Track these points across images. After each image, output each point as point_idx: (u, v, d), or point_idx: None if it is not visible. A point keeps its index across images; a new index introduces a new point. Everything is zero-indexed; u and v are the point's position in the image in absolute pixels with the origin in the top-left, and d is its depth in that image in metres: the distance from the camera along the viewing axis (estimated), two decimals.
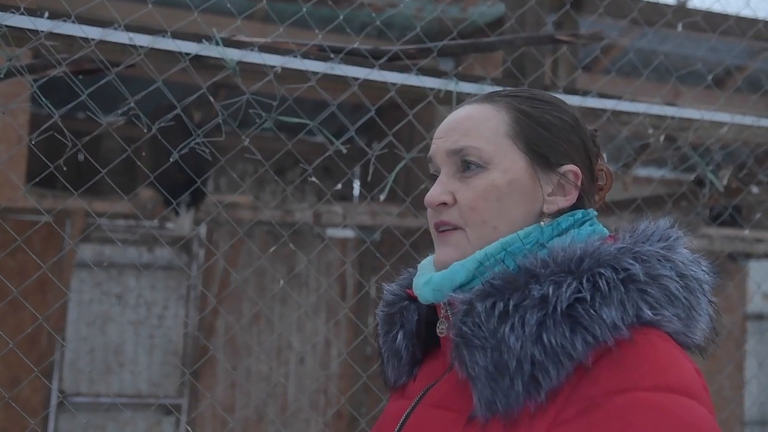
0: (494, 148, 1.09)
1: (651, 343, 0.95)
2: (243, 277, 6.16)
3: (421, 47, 2.80)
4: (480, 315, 0.98)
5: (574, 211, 1.10)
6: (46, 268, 2.50)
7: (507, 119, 1.10)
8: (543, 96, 1.14)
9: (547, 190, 1.10)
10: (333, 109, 2.64)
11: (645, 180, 6.80)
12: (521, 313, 0.96)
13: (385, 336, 1.18)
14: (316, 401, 6.66)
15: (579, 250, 0.99)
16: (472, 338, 0.98)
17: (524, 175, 1.09)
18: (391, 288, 1.21)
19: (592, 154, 1.14)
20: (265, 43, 2.57)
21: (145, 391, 6.28)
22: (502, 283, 0.99)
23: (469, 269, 1.05)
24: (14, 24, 2.26)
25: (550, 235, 1.06)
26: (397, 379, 1.18)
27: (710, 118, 3.30)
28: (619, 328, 0.94)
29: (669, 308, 0.98)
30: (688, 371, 0.95)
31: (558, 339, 0.94)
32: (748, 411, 7.35)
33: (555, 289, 0.96)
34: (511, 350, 0.95)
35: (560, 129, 1.11)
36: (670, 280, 0.98)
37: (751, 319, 7.61)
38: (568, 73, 3.75)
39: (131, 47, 2.39)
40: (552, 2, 3.60)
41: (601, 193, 1.18)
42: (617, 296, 0.95)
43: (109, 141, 6.73)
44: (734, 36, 4.05)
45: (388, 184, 2.69)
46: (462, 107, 1.15)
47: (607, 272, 0.96)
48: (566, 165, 1.10)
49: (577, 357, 0.93)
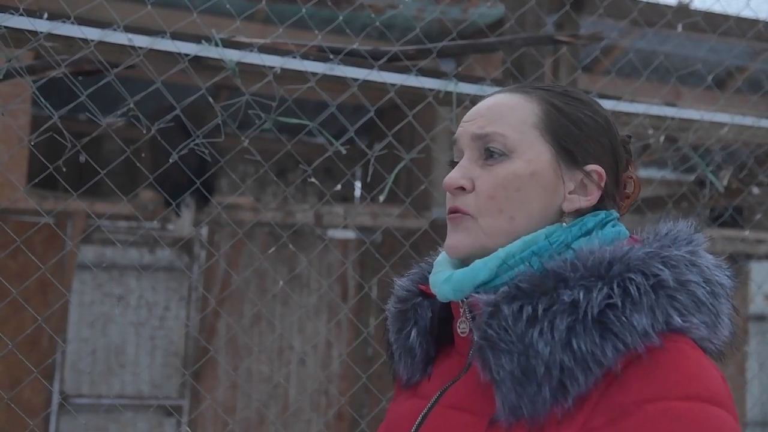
0: (520, 137, 1.06)
1: (681, 351, 0.94)
2: (244, 278, 6.17)
3: (420, 48, 2.80)
4: (507, 318, 0.96)
5: (597, 212, 1.07)
6: (47, 269, 2.50)
7: (537, 111, 1.08)
8: (578, 94, 1.12)
9: (569, 187, 1.07)
10: (333, 110, 2.64)
11: (645, 181, 6.79)
12: (550, 318, 0.94)
13: (397, 333, 1.15)
14: (317, 402, 6.67)
15: (608, 254, 0.97)
16: (498, 341, 0.96)
17: (548, 168, 1.06)
18: (403, 283, 1.17)
19: (620, 159, 1.12)
20: (264, 43, 2.57)
21: (146, 393, 6.28)
22: (530, 285, 0.97)
23: (492, 268, 1.03)
24: (13, 25, 2.26)
25: (577, 235, 1.04)
26: (411, 377, 1.14)
27: (710, 118, 3.30)
28: (649, 335, 0.93)
29: (697, 315, 0.96)
30: (716, 380, 0.94)
31: (588, 345, 0.92)
32: (749, 412, 7.35)
33: (585, 294, 0.94)
34: (539, 356, 0.93)
35: (590, 128, 1.09)
36: (697, 286, 0.97)
37: (752, 320, 7.61)
38: (569, 73, 3.75)
39: (130, 48, 2.39)
40: (552, 3, 3.60)
41: (627, 201, 1.16)
42: (647, 302, 0.94)
43: (110, 142, 6.75)
44: (735, 37, 4.05)
45: (388, 185, 2.69)
46: (493, 95, 1.13)
47: (638, 278, 0.95)
48: (592, 165, 1.08)
49: (606, 364, 0.92)
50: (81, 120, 6.34)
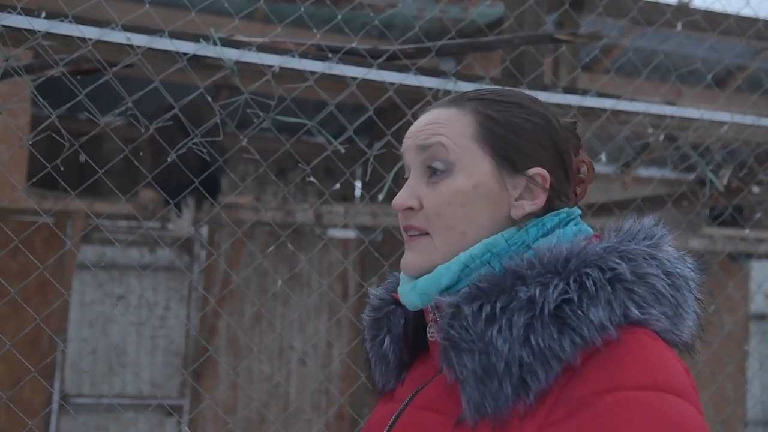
0: (460, 150, 1.08)
1: (639, 342, 0.95)
2: (244, 278, 6.17)
3: (419, 47, 2.79)
4: (467, 318, 0.98)
5: (558, 211, 1.08)
6: (47, 269, 2.50)
7: (473, 122, 1.09)
8: (512, 97, 1.12)
9: (514, 195, 1.08)
10: (332, 109, 2.64)
11: (645, 180, 6.80)
12: (508, 315, 0.96)
13: (372, 341, 1.18)
14: (318, 402, 6.66)
15: (565, 251, 0.99)
16: (459, 341, 0.98)
17: (490, 179, 1.07)
18: (378, 293, 1.20)
19: (565, 152, 1.12)
20: (263, 42, 2.57)
21: (147, 392, 6.28)
22: (489, 285, 0.99)
23: (454, 271, 1.05)
24: (11, 24, 2.26)
25: (536, 235, 1.05)
26: (385, 383, 1.17)
27: (710, 117, 3.30)
28: (606, 328, 0.94)
29: (656, 306, 0.97)
30: (676, 370, 0.95)
31: (546, 340, 0.93)
32: (750, 411, 7.34)
33: (542, 291, 0.95)
34: (499, 353, 0.95)
35: (528, 131, 1.09)
36: (656, 278, 0.98)
37: (752, 319, 7.60)
38: (569, 72, 3.75)
39: (129, 47, 2.39)
40: (552, 2, 3.60)
41: (583, 185, 1.16)
42: (604, 296, 0.95)
43: (110, 142, 6.74)
44: (734, 35, 4.05)
45: (387, 183, 2.69)
46: (429, 111, 1.14)
47: (594, 272, 0.96)
48: (534, 168, 1.08)
49: (565, 358, 0.93)
50: (80, 119, 6.34)
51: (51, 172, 2.29)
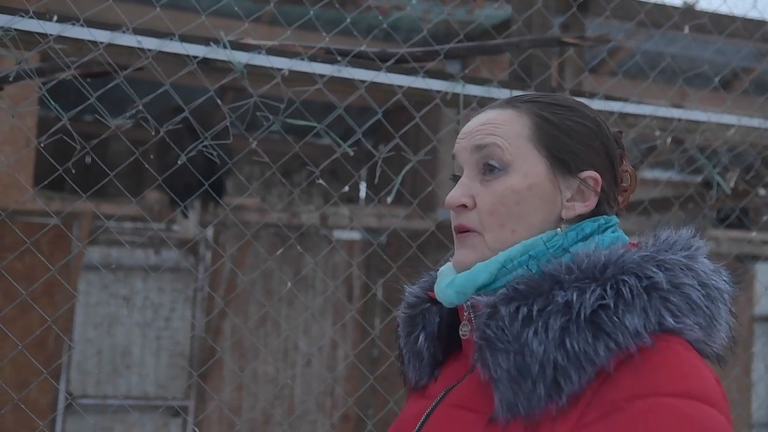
0: (516, 150, 1.10)
1: (672, 350, 0.96)
2: (250, 279, 6.17)
3: (427, 50, 2.80)
4: (504, 318, 0.99)
5: (596, 217, 1.10)
6: (54, 270, 2.51)
7: (529, 123, 1.11)
8: (565, 101, 1.15)
9: (566, 196, 1.10)
10: (340, 112, 2.65)
11: (652, 182, 6.80)
12: (545, 318, 0.97)
13: (406, 338, 1.19)
14: (323, 403, 6.67)
15: (603, 257, 1.00)
16: (495, 341, 1.00)
17: (544, 179, 1.09)
18: (413, 290, 1.21)
19: (614, 157, 1.14)
20: (272, 45, 2.58)
21: (152, 393, 6.29)
22: (527, 287, 1.00)
23: (491, 271, 1.07)
24: (23, 27, 2.27)
25: (574, 240, 1.07)
26: (419, 380, 1.18)
27: (717, 120, 3.30)
28: (641, 335, 0.95)
29: (690, 316, 0.98)
30: (708, 379, 0.96)
31: (581, 345, 0.95)
32: (755, 414, 7.33)
33: (579, 296, 0.97)
34: (534, 354, 0.96)
35: (581, 134, 1.11)
36: (692, 288, 0.99)
37: (758, 321, 7.59)
38: (575, 75, 3.75)
39: (139, 50, 2.40)
40: (558, 4, 3.60)
41: (625, 195, 1.18)
42: (640, 304, 0.96)
43: (117, 144, 6.76)
44: (741, 38, 4.05)
45: (395, 186, 2.70)
46: (484, 112, 1.16)
47: (631, 280, 0.97)
48: (587, 171, 1.11)
49: (599, 363, 0.95)
50: (87, 121, 6.36)
51: (62, 174, 2.30)
